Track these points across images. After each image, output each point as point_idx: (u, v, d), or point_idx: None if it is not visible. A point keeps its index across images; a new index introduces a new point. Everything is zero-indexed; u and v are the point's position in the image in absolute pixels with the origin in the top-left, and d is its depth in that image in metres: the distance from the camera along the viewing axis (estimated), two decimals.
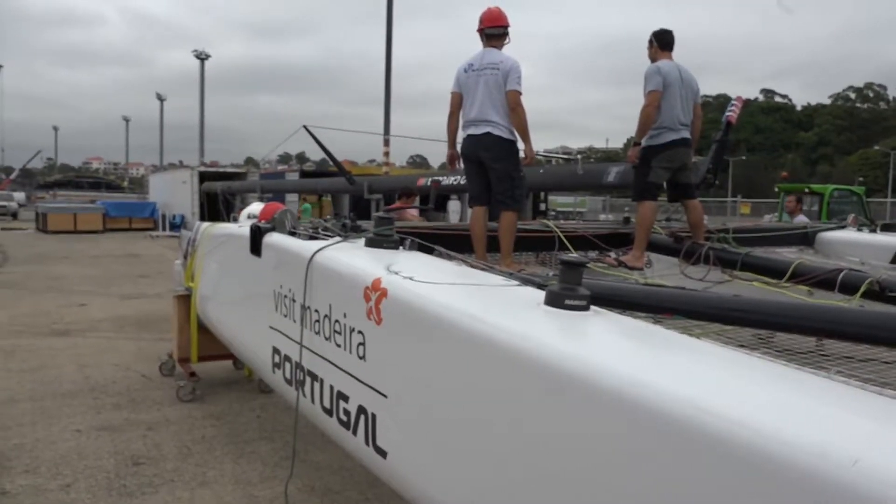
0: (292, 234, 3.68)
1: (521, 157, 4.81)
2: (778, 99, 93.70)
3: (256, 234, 3.81)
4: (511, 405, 1.89)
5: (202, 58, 43.79)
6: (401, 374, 2.43)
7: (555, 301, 2.10)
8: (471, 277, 2.62)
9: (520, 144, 4.77)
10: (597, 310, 2.16)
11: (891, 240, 5.31)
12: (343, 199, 20.06)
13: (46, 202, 34.72)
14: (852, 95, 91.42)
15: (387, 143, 21.93)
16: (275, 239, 3.70)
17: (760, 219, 19.50)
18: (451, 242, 3.78)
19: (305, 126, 9.95)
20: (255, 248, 3.82)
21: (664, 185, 5.10)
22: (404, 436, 2.41)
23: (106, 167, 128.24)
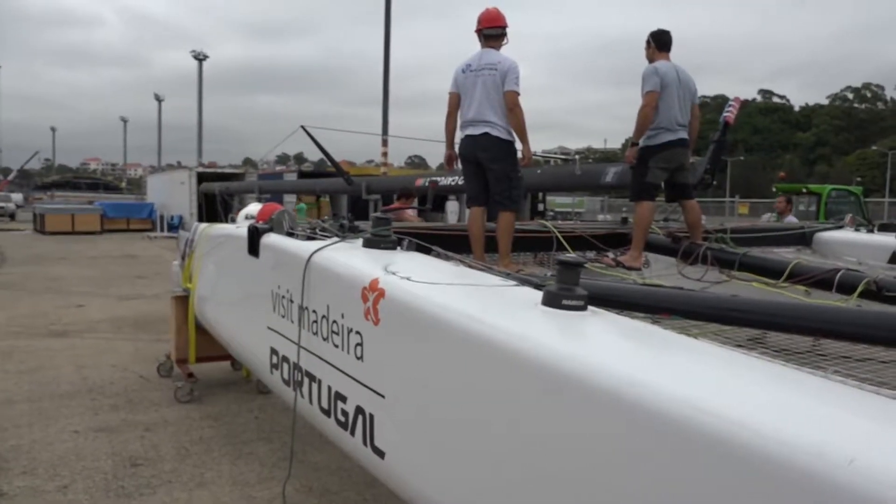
0: (290, 234, 3.69)
1: (519, 158, 4.81)
2: (776, 99, 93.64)
3: (254, 235, 3.81)
4: (509, 405, 1.89)
5: (200, 58, 43.71)
6: (399, 375, 2.43)
7: (552, 301, 2.10)
8: (468, 278, 2.62)
9: (518, 145, 4.77)
10: (594, 310, 2.16)
11: (888, 240, 5.31)
12: (341, 200, 20.05)
13: (44, 203, 34.71)
14: (850, 96, 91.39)
15: (385, 143, 21.93)
16: (272, 240, 3.70)
17: (758, 219, 19.50)
18: (448, 243, 3.78)
19: (303, 126, 9.95)
20: (253, 248, 3.82)
21: (662, 186, 5.12)
22: (402, 436, 2.41)
23: (104, 168, 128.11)
